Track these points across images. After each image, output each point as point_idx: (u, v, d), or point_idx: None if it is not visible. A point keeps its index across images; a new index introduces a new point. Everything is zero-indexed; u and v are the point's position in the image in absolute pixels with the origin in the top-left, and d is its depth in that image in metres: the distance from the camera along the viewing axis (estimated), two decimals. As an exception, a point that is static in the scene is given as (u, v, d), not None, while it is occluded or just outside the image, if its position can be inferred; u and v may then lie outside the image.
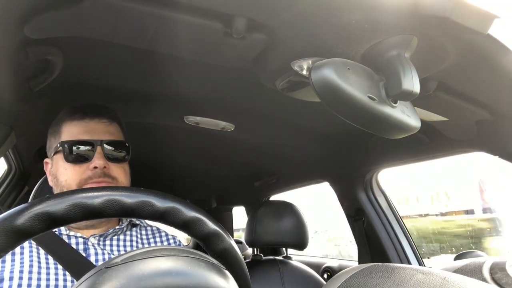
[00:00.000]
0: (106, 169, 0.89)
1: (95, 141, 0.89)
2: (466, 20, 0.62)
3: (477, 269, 0.87)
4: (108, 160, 0.90)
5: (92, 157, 0.88)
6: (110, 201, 0.45)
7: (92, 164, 0.88)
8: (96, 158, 0.88)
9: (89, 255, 0.87)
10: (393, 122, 0.73)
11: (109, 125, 0.94)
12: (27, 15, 0.67)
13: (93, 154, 0.89)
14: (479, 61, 0.76)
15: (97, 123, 0.93)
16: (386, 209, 1.72)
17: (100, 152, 0.89)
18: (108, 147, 0.91)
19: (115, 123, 0.97)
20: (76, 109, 0.94)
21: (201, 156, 2.03)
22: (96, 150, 0.89)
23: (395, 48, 0.71)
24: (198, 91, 1.20)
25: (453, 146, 1.25)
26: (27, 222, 0.41)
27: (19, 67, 0.83)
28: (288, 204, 1.70)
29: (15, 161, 1.63)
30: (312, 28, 0.72)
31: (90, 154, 0.89)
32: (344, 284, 0.66)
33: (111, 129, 0.94)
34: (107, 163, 0.89)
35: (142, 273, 0.39)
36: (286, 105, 1.22)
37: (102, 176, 0.88)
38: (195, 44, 0.81)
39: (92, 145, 0.89)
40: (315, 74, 0.66)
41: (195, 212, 0.49)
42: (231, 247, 0.52)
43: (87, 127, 0.91)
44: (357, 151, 1.60)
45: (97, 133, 0.91)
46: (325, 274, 2.43)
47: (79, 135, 0.90)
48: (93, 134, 0.91)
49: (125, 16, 0.70)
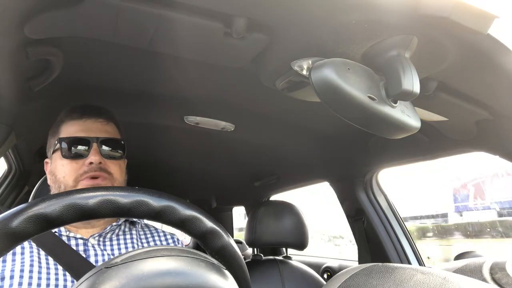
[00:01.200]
0: (102, 165, 0.91)
1: (91, 138, 0.91)
2: (466, 20, 0.62)
3: (477, 269, 0.87)
4: (104, 157, 0.92)
5: (88, 153, 0.90)
6: (104, 201, 0.45)
7: (88, 160, 0.90)
8: (92, 154, 0.90)
9: (89, 256, 0.87)
10: (393, 122, 0.73)
11: (105, 124, 0.97)
12: (27, 15, 0.67)
13: (89, 151, 0.91)
14: (479, 61, 0.76)
15: (94, 122, 0.95)
16: (386, 209, 1.72)
17: (96, 149, 0.91)
18: (104, 145, 0.93)
19: (112, 123, 0.99)
20: (74, 109, 0.96)
21: (201, 156, 2.03)
22: (92, 147, 0.91)
23: (395, 48, 0.71)
24: (198, 91, 1.20)
25: (453, 146, 1.24)
26: (21, 224, 0.41)
27: (19, 67, 0.83)
28: (288, 204, 1.70)
29: (15, 161, 1.63)
30: (312, 28, 0.72)
31: (86, 151, 0.91)
32: (344, 284, 0.66)
33: (107, 128, 0.97)
34: (103, 159, 0.91)
35: (142, 273, 0.38)
36: (286, 105, 1.22)
37: (98, 170, 0.90)
38: (195, 44, 0.81)
39: (89, 142, 0.91)
40: (315, 74, 0.66)
41: (191, 210, 0.49)
42: (229, 245, 0.52)
43: (84, 126, 0.94)
44: (357, 151, 1.60)
45: (93, 131, 0.93)
46: (325, 274, 2.43)
47: (76, 133, 0.92)
48: (90, 132, 0.93)
49: (125, 16, 0.70)
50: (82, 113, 0.95)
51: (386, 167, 1.64)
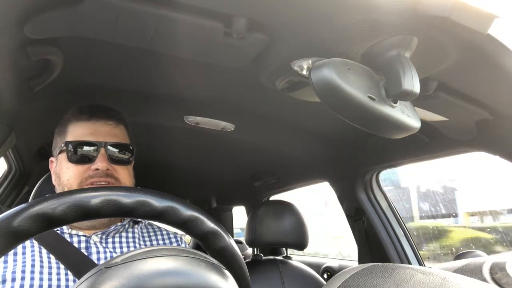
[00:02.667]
0: (109, 171, 0.89)
1: (99, 143, 0.89)
2: (466, 20, 0.62)
3: (477, 269, 0.87)
4: (112, 162, 0.90)
5: (95, 158, 0.89)
6: (107, 201, 0.45)
7: (94, 166, 0.88)
8: (99, 160, 0.88)
9: (91, 254, 0.87)
10: (393, 122, 0.73)
11: (115, 127, 0.94)
12: (27, 15, 0.67)
13: (97, 155, 0.89)
14: (479, 61, 0.76)
15: (102, 125, 0.93)
16: (386, 209, 1.72)
17: (104, 154, 0.89)
18: (112, 149, 0.91)
19: (121, 125, 0.97)
20: (83, 110, 0.94)
21: (201, 156, 2.03)
22: (100, 152, 0.89)
23: (395, 48, 0.71)
24: (198, 91, 1.20)
25: (453, 146, 1.25)
26: (24, 223, 0.41)
27: (19, 67, 0.83)
28: (288, 204, 1.70)
29: (15, 161, 1.63)
30: (312, 28, 0.72)
31: (93, 155, 0.89)
32: (344, 284, 0.66)
33: (116, 131, 0.94)
34: (110, 165, 0.89)
35: (142, 273, 0.38)
36: (286, 105, 1.22)
37: (104, 177, 0.88)
38: (195, 44, 0.81)
39: (96, 146, 0.89)
40: (315, 74, 0.66)
41: (193, 211, 0.49)
42: (230, 246, 0.52)
43: (92, 129, 0.91)
44: (357, 151, 1.60)
45: (102, 135, 0.91)
46: (325, 274, 2.43)
47: (83, 136, 0.90)
48: (98, 136, 0.90)
49: (125, 16, 0.70)
50: (91, 114, 0.92)
51: (386, 167, 1.64)
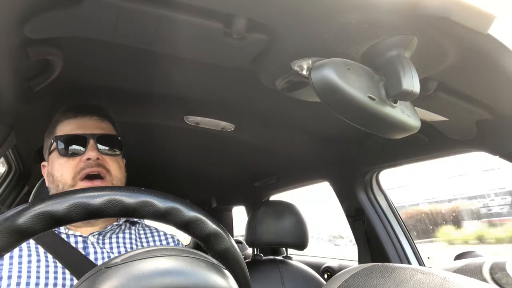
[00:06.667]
0: (100, 161, 0.91)
1: (88, 135, 0.91)
2: (466, 20, 0.62)
3: (477, 269, 0.87)
4: (101, 153, 0.92)
5: (85, 150, 0.90)
6: (111, 200, 0.45)
7: (85, 156, 0.90)
8: (89, 150, 0.90)
9: (88, 254, 0.87)
10: (393, 122, 0.73)
11: (101, 122, 0.97)
12: (27, 15, 0.67)
13: (86, 147, 0.91)
14: (479, 61, 0.76)
15: (89, 119, 0.95)
16: (386, 209, 1.72)
17: (93, 145, 0.91)
18: (101, 141, 0.93)
19: (107, 121, 0.99)
20: (69, 109, 0.97)
21: (201, 156, 2.03)
22: (89, 143, 0.91)
23: (395, 48, 0.71)
24: (198, 91, 1.20)
25: (453, 146, 1.25)
26: (28, 221, 0.41)
27: (19, 67, 0.83)
28: (288, 204, 1.70)
29: (15, 161, 1.64)
30: (312, 28, 0.72)
31: (83, 148, 0.91)
32: (344, 284, 0.66)
33: (103, 125, 0.97)
34: (100, 155, 0.91)
35: (142, 273, 0.38)
36: (286, 105, 1.22)
37: (96, 166, 0.90)
38: (195, 44, 0.81)
39: (85, 139, 0.91)
40: (315, 74, 0.66)
41: (196, 212, 0.49)
42: (231, 247, 0.52)
43: (79, 124, 0.94)
44: (357, 151, 1.60)
45: (89, 128, 0.93)
46: (325, 274, 2.43)
47: (72, 131, 0.93)
48: (86, 129, 0.93)
49: (125, 16, 0.70)
50: (77, 112, 0.95)
51: (386, 167, 1.64)
